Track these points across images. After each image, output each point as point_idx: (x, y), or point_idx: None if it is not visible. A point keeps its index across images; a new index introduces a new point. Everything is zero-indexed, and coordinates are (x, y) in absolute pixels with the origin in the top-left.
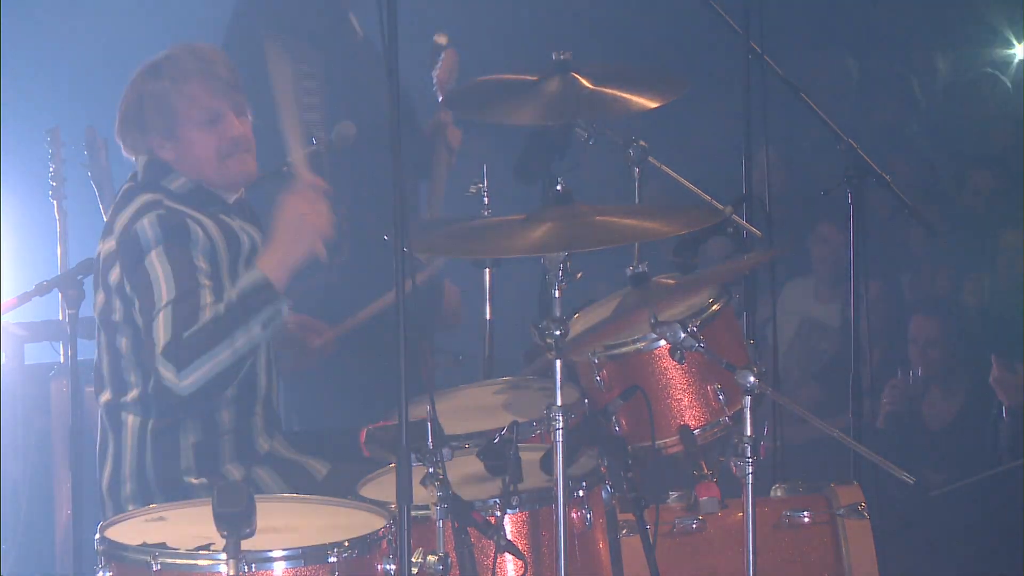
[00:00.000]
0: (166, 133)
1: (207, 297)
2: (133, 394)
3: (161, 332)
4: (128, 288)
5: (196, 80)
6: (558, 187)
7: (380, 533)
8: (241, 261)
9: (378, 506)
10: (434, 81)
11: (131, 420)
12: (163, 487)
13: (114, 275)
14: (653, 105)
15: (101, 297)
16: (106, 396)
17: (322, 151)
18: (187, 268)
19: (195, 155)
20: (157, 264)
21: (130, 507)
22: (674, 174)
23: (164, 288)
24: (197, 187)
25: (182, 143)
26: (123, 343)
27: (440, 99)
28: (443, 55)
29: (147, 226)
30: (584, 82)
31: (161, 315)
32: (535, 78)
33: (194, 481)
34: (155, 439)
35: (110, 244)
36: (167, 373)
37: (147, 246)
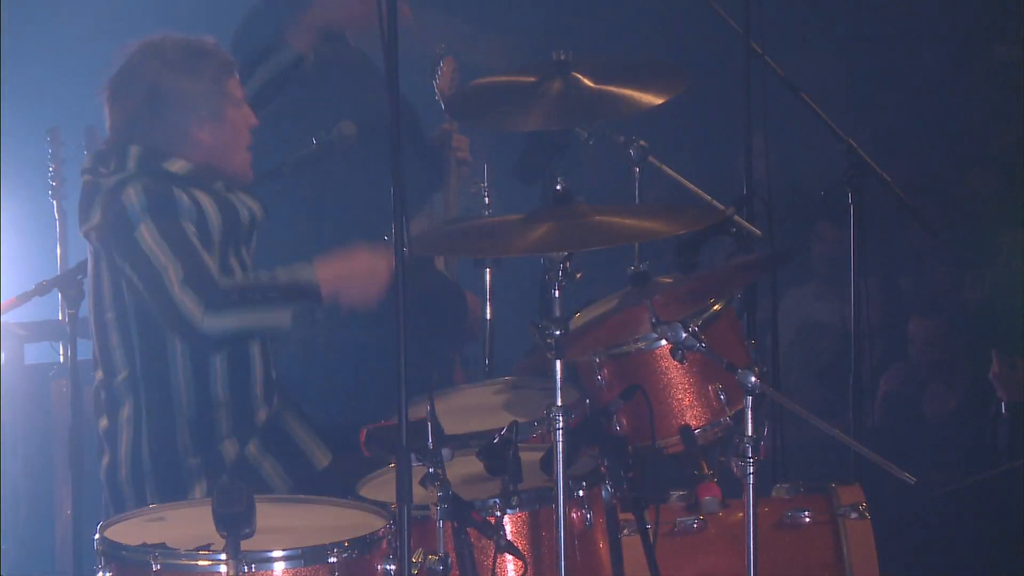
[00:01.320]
0: (208, 115)
1: (206, 257)
2: (123, 375)
3: (173, 275)
4: (119, 260)
5: (226, 67)
6: (558, 187)
7: (380, 533)
8: (241, 231)
9: (378, 506)
10: (436, 91)
11: (126, 402)
12: (158, 468)
13: (101, 244)
14: (657, 101)
15: (90, 268)
16: (99, 375)
17: (322, 151)
18: (179, 234)
19: (233, 137)
20: (148, 237)
21: (126, 489)
22: (674, 174)
23: (163, 256)
24: (199, 168)
25: (226, 123)
26: (110, 318)
27: (444, 108)
28: (442, 63)
29: (132, 196)
30: (586, 81)
31: (171, 271)
32: (534, 79)
33: (191, 460)
34: (151, 419)
35: (96, 217)
36: (190, 304)
37: (135, 219)
